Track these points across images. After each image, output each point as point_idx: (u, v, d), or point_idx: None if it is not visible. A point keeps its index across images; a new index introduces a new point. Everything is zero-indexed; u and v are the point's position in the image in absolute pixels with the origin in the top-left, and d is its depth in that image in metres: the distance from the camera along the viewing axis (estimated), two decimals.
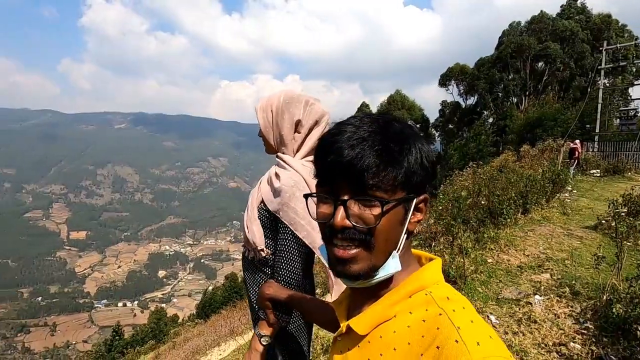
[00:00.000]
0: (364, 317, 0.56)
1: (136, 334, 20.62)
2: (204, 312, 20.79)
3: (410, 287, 0.54)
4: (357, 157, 0.51)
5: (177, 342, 13.15)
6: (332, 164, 0.52)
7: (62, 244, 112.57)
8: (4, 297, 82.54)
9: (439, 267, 0.58)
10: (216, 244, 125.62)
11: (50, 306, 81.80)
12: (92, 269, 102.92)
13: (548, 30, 22.18)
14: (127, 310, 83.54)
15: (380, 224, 0.52)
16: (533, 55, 22.36)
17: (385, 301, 0.54)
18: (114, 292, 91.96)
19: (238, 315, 11.15)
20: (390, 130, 0.54)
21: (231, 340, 6.25)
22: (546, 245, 4.06)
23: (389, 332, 0.53)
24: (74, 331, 74.04)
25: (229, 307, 15.22)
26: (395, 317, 0.53)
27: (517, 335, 2.47)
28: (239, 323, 8.86)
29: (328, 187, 0.54)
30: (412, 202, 0.54)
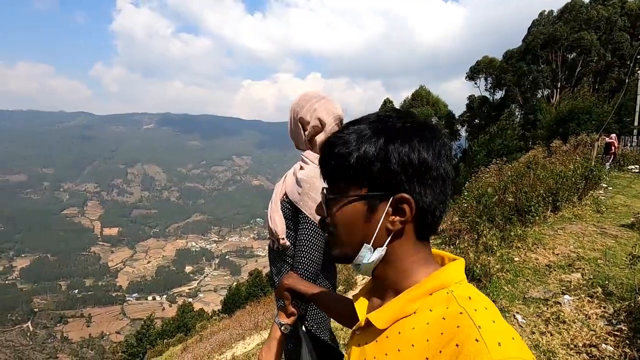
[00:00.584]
0: (383, 312, 0.56)
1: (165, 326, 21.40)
2: (229, 307, 21.28)
3: (430, 284, 0.54)
4: (327, 152, 0.58)
5: (203, 335, 13.57)
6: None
7: (96, 240, 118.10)
8: (45, 289, 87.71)
9: (461, 268, 0.58)
10: (240, 240, 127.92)
11: (86, 298, 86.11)
12: (123, 263, 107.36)
13: (581, 18, 21.05)
14: (156, 303, 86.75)
15: (337, 217, 0.59)
16: (565, 46, 21.32)
17: (405, 297, 0.55)
18: (144, 286, 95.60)
19: (262, 310, 11.38)
20: (363, 125, 0.57)
21: (255, 335, 6.39)
22: (577, 244, 3.90)
23: (407, 328, 0.53)
24: (108, 323, 77.70)
25: (253, 303, 15.54)
26: (415, 314, 0.53)
27: (545, 335, 2.41)
28: (262, 318, 9.05)
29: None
30: (382, 201, 0.55)
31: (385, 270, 0.58)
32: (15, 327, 72.35)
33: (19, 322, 74.31)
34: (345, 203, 0.57)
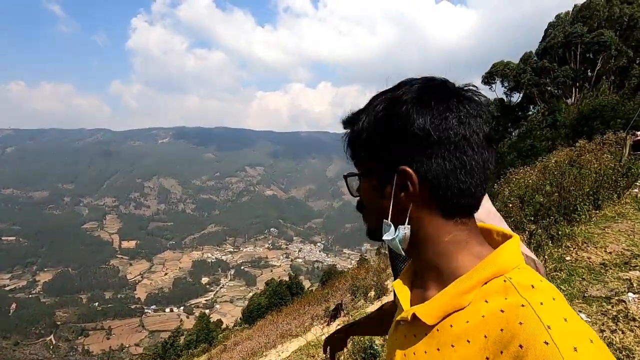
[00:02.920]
0: (432, 306, 0.50)
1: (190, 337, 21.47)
2: (250, 317, 21.26)
3: (484, 272, 0.48)
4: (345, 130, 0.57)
5: (227, 345, 13.58)
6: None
7: (115, 253, 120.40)
8: (66, 302, 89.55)
9: (517, 248, 0.51)
10: (255, 250, 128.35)
11: (106, 311, 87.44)
12: (141, 276, 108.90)
13: (601, 17, 20.69)
14: (174, 315, 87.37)
15: (360, 194, 0.58)
16: (584, 44, 20.95)
17: (455, 289, 0.49)
18: (162, 298, 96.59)
19: (286, 319, 11.31)
20: (375, 97, 0.54)
21: (287, 343, 6.34)
22: (629, 242, 3.75)
23: (461, 322, 0.47)
24: (127, 335, 78.54)
25: (274, 313, 15.51)
26: (468, 306, 0.48)
27: (616, 333, 2.30)
28: (288, 327, 9.00)
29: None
30: (391, 175, 0.51)
31: (417, 251, 0.54)
32: (39, 341, 73.85)
33: (42, 335, 75.86)
34: (360, 179, 0.56)
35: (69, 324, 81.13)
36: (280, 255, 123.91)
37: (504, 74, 25.95)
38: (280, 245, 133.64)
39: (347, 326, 1.06)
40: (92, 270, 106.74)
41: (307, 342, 4.91)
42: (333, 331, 1.07)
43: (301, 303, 13.64)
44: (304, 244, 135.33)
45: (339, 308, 5.48)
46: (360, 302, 6.45)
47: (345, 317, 5.34)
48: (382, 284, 6.48)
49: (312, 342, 4.80)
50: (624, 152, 9.44)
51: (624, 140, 10.29)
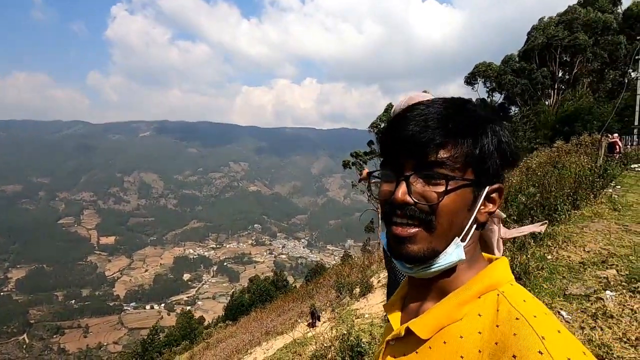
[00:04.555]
0: (427, 319, 0.49)
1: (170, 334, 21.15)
2: (233, 313, 21.09)
3: (479, 285, 0.48)
4: (422, 131, 0.48)
5: (210, 342, 13.44)
6: (396, 139, 0.50)
7: (93, 249, 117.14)
8: (41, 300, 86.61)
9: (507, 266, 0.51)
10: (238, 247, 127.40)
11: (83, 309, 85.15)
12: (121, 272, 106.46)
13: (580, 22, 21.38)
14: (154, 312, 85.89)
15: (443, 203, 0.48)
16: (563, 47, 21.63)
17: (452, 301, 0.48)
18: (142, 295, 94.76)
19: (271, 316, 11.28)
20: (463, 108, 0.51)
21: (273, 340, 6.32)
22: (606, 241, 3.91)
23: (454, 337, 0.46)
24: (105, 333, 76.71)
25: (258, 309, 15.43)
26: (462, 320, 0.47)
27: (596, 330, 2.39)
28: (273, 324, 8.97)
29: (392, 164, 0.51)
30: (484, 189, 0.50)
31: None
32: (10, 340, 71.23)
33: (14, 334, 73.21)
34: (456, 187, 0.48)
35: (44, 322, 78.56)
36: (264, 251, 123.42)
37: (486, 74, 26.54)
38: (263, 242, 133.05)
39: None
40: (68, 267, 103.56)
41: (293, 339, 4.90)
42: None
43: (286, 300, 13.62)
44: (288, 240, 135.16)
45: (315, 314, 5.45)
46: (345, 299, 6.48)
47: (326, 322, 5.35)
48: (367, 281, 6.53)
49: (298, 339, 4.79)
50: (600, 153, 9.81)
51: (599, 142, 10.71)
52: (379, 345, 0.58)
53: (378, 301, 5.19)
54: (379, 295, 5.54)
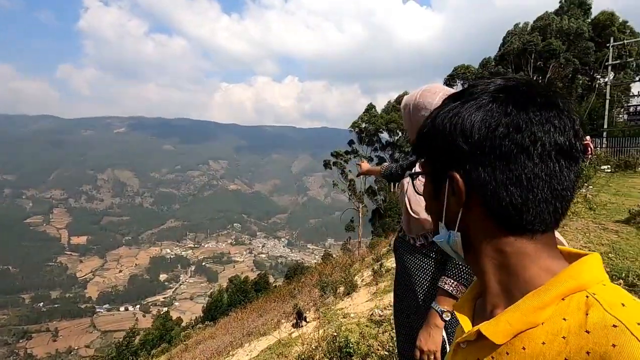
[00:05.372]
0: (500, 323, 0.44)
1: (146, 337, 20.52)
2: (212, 314, 20.69)
3: (562, 286, 0.41)
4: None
5: (189, 344, 13.10)
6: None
7: (63, 249, 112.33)
8: (5, 304, 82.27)
9: (599, 264, 0.44)
10: (217, 246, 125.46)
11: (52, 312, 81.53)
12: (93, 273, 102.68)
13: (553, 28, 22.22)
14: (129, 314, 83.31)
15: (423, 193, 0.56)
16: (537, 52, 22.41)
17: (528, 303, 0.42)
18: (116, 296, 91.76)
19: (252, 317, 11.10)
20: (426, 124, 0.52)
21: (256, 341, 6.18)
22: (585, 239, 4.03)
23: (535, 343, 0.41)
24: (76, 336, 73.76)
25: (238, 310, 15.18)
26: (543, 325, 0.41)
27: None
28: (255, 325, 8.81)
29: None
30: (445, 178, 0.49)
31: (476, 259, 0.49)
32: None
33: None
34: (421, 179, 0.55)
35: (9, 326, 74.65)
36: (244, 250, 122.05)
37: (464, 77, 27.17)
38: (243, 241, 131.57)
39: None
40: (36, 269, 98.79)
41: (277, 339, 4.80)
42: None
43: (267, 299, 13.45)
44: (268, 240, 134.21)
45: (301, 316, 5.37)
46: (330, 298, 6.42)
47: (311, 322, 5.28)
48: (351, 280, 6.49)
49: (283, 340, 4.69)
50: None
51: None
52: (450, 347, 0.55)
53: (363, 300, 5.16)
54: (364, 295, 5.52)
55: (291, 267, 25.15)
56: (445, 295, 1.12)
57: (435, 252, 1.29)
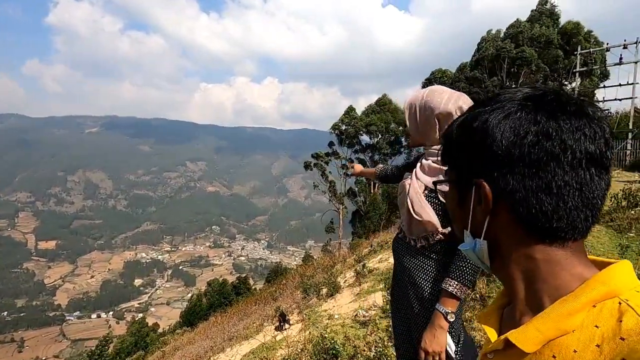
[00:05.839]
0: (529, 330, 0.43)
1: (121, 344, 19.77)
2: (190, 319, 20.21)
3: (593, 292, 0.41)
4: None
5: (166, 351, 12.73)
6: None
7: (30, 255, 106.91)
8: None
9: (631, 270, 0.43)
10: (195, 249, 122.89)
11: (18, 321, 77.42)
12: (62, 280, 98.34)
13: (525, 36, 23.16)
14: (101, 321, 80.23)
15: (447, 201, 0.57)
16: (510, 58, 23.28)
17: (559, 310, 0.42)
18: (87, 303, 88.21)
19: (232, 321, 10.91)
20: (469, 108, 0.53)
21: (237, 346, 6.08)
22: None
23: (566, 352, 0.40)
24: (44, 346, 70.30)
25: (217, 314, 14.90)
26: (574, 332, 0.40)
27: None
28: (236, 329, 8.67)
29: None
30: (471, 187, 0.48)
31: (504, 268, 0.49)
32: None
33: None
34: (448, 187, 0.55)
35: None
36: (222, 253, 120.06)
37: (441, 81, 27.82)
38: (222, 244, 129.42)
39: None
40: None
41: (261, 343, 4.74)
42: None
43: (247, 303, 13.28)
44: (248, 242, 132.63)
45: (284, 318, 5.35)
46: (313, 300, 6.41)
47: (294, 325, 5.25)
48: (334, 281, 6.50)
49: (266, 343, 4.64)
50: None
51: None
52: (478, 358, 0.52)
53: (347, 301, 5.17)
54: (347, 296, 5.54)
55: (272, 270, 24.96)
56: (448, 297, 1.15)
57: (436, 254, 1.30)
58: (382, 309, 4.09)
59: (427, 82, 28.74)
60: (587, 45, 21.74)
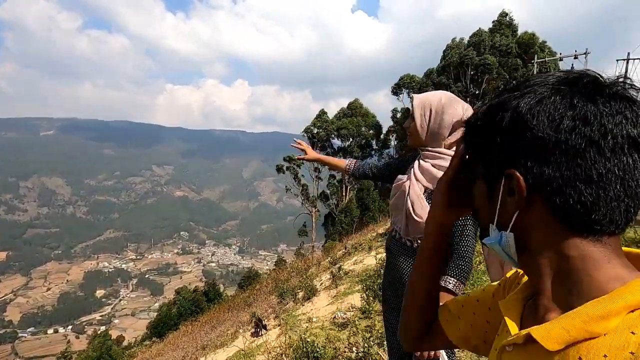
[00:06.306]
0: (555, 328, 0.40)
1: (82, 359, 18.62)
2: (158, 330, 19.41)
3: (632, 297, 0.38)
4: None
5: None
6: None
7: None
8: None
9: None
10: (162, 257, 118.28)
11: None
12: (14, 294, 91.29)
13: (486, 44, 24.42)
14: (59, 337, 75.12)
15: (473, 194, 0.53)
16: (474, 65, 24.46)
17: (591, 311, 0.38)
18: (43, 318, 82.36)
19: (204, 329, 10.61)
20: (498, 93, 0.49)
21: (212, 354, 5.93)
22: None
23: (595, 355, 0.37)
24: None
25: (188, 323, 14.41)
26: (606, 336, 0.37)
27: None
28: (209, 337, 8.44)
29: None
30: (498, 178, 0.45)
31: (533, 262, 0.46)
32: None
33: None
34: (471, 181, 0.52)
35: None
36: (192, 260, 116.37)
37: (410, 86, 28.72)
38: (191, 250, 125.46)
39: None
40: None
41: (238, 349, 4.64)
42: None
43: (220, 310, 12.97)
44: (218, 247, 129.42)
45: (260, 323, 5.30)
46: (289, 304, 6.37)
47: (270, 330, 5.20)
48: (310, 284, 6.49)
49: (243, 350, 4.55)
50: None
51: None
52: (493, 349, 0.52)
53: (324, 304, 5.19)
54: (324, 298, 5.55)
55: (245, 275, 24.53)
56: (447, 293, 1.22)
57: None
58: (360, 310, 4.14)
59: (397, 87, 29.54)
60: (542, 55, 23.27)
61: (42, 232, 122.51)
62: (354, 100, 30.60)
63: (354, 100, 30.60)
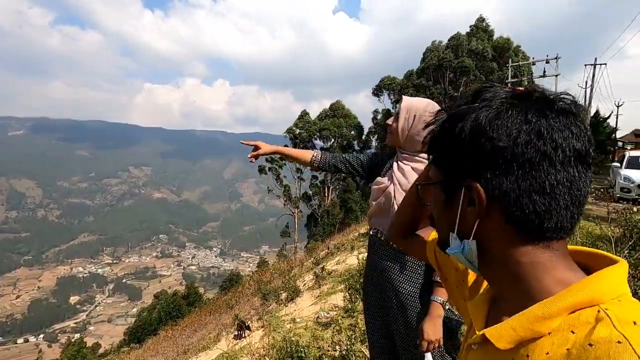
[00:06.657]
0: (504, 328, 0.44)
1: None
2: (137, 336, 18.89)
3: (572, 299, 0.41)
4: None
5: None
6: None
7: None
8: None
9: (622, 276, 0.43)
10: (140, 260, 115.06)
11: None
12: None
13: (464, 48, 25.09)
14: (30, 346, 71.90)
15: (431, 203, 0.55)
16: (452, 68, 25.07)
17: (535, 312, 0.42)
18: (12, 326, 78.64)
19: (185, 333, 10.42)
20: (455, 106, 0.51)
21: (194, 358, 5.84)
22: None
23: (539, 353, 0.41)
24: None
25: (168, 327, 14.12)
26: (550, 335, 0.41)
27: None
28: (190, 341, 8.30)
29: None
30: (459, 188, 0.47)
31: (490, 270, 0.49)
32: None
33: None
34: (431, 188, 0.54)
35: None
36: (171, 263, 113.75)
37: (390, 87, 29.14)
38: (170, 253, 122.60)
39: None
40: None
41: (221, 352, 4.59)
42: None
43: (202, 313, 12.77)
44: (199, 250, 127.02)
45: (243, 325, 5.27)
46: (272, 305, 6.35)
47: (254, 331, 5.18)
48: (293, 285, 6.49)
49: (226, 352, 4.51)
50: None
51: None
52: (462, 347, 0.56)
53: (308, 304, 5.20)
54: (307, 299, 5.56)
55: (226, 278, 24.21)
56: (441, 287, 1.27)
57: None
58: (343, 309, 4.18)
59: (377, 89, 29.91)
60: (517, 59, 24.13)
61: (11, 237, 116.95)
62: (336, 102, 30.84)
63: (336, 102, 30.84)
